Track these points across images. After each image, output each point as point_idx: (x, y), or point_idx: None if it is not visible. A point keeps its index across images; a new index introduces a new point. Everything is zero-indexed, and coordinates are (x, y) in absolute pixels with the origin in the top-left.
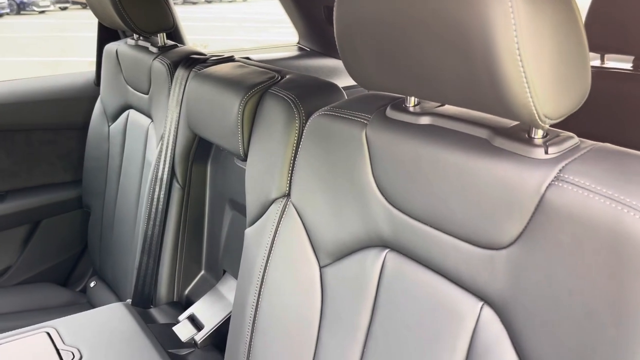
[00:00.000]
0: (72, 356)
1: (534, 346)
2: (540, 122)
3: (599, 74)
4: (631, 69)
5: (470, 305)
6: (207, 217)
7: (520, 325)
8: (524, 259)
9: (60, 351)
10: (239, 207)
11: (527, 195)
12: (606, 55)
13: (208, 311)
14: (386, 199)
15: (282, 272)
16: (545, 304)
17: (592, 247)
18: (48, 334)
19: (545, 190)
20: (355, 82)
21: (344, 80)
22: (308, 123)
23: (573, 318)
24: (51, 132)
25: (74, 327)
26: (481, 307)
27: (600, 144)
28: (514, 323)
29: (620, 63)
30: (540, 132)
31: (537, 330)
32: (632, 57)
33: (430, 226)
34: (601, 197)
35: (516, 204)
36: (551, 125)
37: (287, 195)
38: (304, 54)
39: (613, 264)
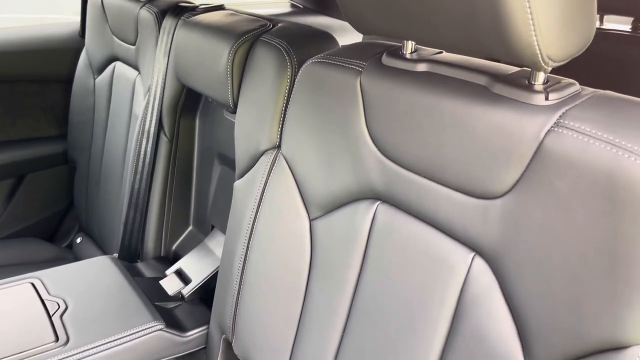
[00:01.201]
0: (57, 306)
1: (525, 296)
2: (543, 64)
3: (597, 35)
4: (630, 30)
5: (461, 257)
6: (195, 171)
7: (512, 276)
8: (519, 208)
9: (45, 301)
10: (228, 162)
11: (525, 142)
12: (605, 17)
13: (195, 265)
14: (379, 149)
15: (271, 225)
16: (539, 253)
17: (590, 193)
18: (32, 284)
19: (544, 137)
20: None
21: (339, 41)
22: (300, 71)
23: (567, 267)
24: (36, 84)
25: (58, 278)
26: (472, 258)
27: (602, 91)
28: (506, 273)
29: (619, 25)
30: (541, 78)
31: (529, 280)
32: (631, 19)
33: (424, 177)
34: (601, 142)
35: (513, 151)
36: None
37: (278, 146)
38: (296, 10)
39: (610, 210)
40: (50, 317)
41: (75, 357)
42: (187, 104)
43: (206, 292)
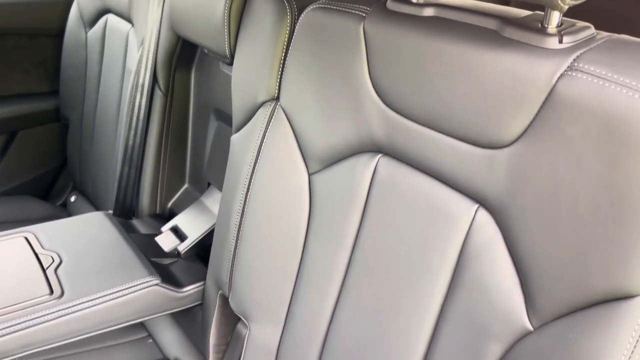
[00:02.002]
0: (51, 260)
1: (530, 247)
2: (559, 2)
3: None
4: None
5: (465, 208)
6: (190, 127)
7: (517, 226)
8: (526, 157)
9: (39, 255)
10: (225, 117)
11: (536, 87)
12: None
13: (192, 222)
14: (382, 99)
15: (269, 179)
16: (546, 202)
17: (603, 139)
18: (26, 238)
19: (557, 81)
20: None
21: None
22: (300, 18)
23: (575, 215)
24: (25, 37)
25: (53, 233)
26: (476, 210)
27: (617, 35)
28: (511, 224)
29: None
30: (554, 21)
31: (535, 230)
32: None
33: (428, 127)
34: (617, 85)
35: (523, 97)
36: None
37: (276, 98)
38: None
39: (623, 156)
40: (44, 270)
41: (70, 310)
42: (183, 56)
43: (202, 249)
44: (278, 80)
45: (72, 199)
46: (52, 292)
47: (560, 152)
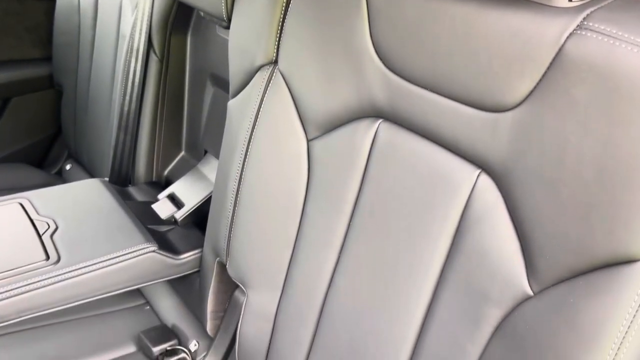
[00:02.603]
0: (47, 226)
1: (532, 212)
2: None
3: None
4: None
5: (467, 173)
6: (187, 93)
7: (519, 191)
8: (531, 120)
9: (34, 221)
10: (221, 83)
11: (543, 47)
12: None
13: (189, 190)
14: (383, 62)
15: (267, 145)
16: (551, 166)
17: (611, 100)
18: (21, 204)
19: (566, 41)
20: None
21: None
22: None
23: (580, 179)
24: (16, 1)
25: (48, 199)
26: (478, 175)
27: None
28: (513, 189)
29: None
30: None
31: (537, 195)
32: None
33: (430, 90)
34: (627, 44)
35: (530, 58)
36: None
37: (274, 62)
38: None
39: (632, 117)
40: (40, 236)
41: (66, 276)
42: (178, 20)
43: (199, 216)
44: (276, 43)
45: (68, 167)
46: (48, 257)
47: (567, 114)
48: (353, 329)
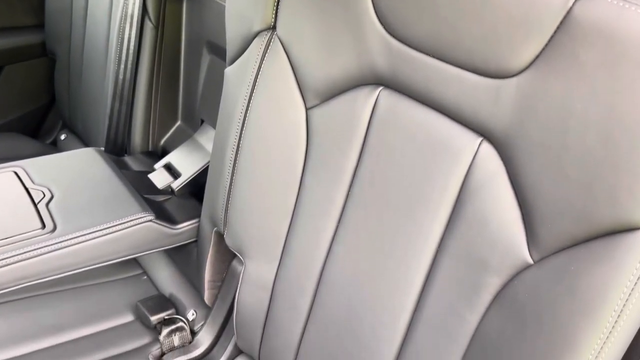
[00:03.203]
0: (42, 195)
1: (534, 180)
2: None
3: None
4: None
5: (468, 142)
6: (183, 60)
7: (521, 159)
8: (536, 86)
9: (30, 190)
10: (218, 51)
11: (550, 11)
12: None
13: (185, 160)
14: (385, 27)
15: (265, 113)
16: (555, 133)
17: (619, 65)
18: (15, 173)
19: (573, 4)
20: None
21: None
22: None
23: (585, 146)
24: None
25: (43, 168)
26: (479, 143)
27: None
28: (515, 157)
29: None
30: None
31: (540, 163)
32: None
33: (432, 56)
34: (637, 7)
35: (536, 22)
36: None
37: (273, 27)
38: None
39: None
40: (35, 205)
41: (63, 244)
42: None
43: (196, 186)
44: (275, 7)
45: (62, 137)
46: (44, 226)
47: (573, 79)
48: (351, 298)
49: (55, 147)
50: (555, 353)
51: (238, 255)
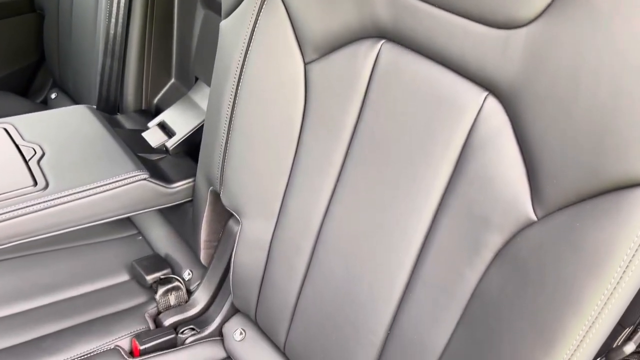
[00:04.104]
0: (33, 152)
1: (541, 135)
2: None
3: None
4: None
5: (473, 96)
6: (176, 15)
7: (528, 114)
8: (546, 36)
9: (20, 147)
10: (213, 5)
11: None
12: None
13: (180, 118)
14: None
15: (262, 68)
16: (565, 86)
17: (636, 13)
18: (5, 130)
19: None
20: None
21: None
22: None
23: (595, 99)
24: None
25: (33, 125)
26: (485, 98)
27: None
28: (521, 112)
29: None
30: None
31: (548, 117)
32: None
33: (438, 6)
34: None
35: None
36: None
37: None
38: None
39: None
40: (26, 162)
41: (56, 202)
42: None
43: (191, 146)
44: None
45: (53, 95)
46: (36, 183)
47: (586, 28)
48: (349, 257)
49: (45, 106)
50: (557, 310)
51: (234, 214)
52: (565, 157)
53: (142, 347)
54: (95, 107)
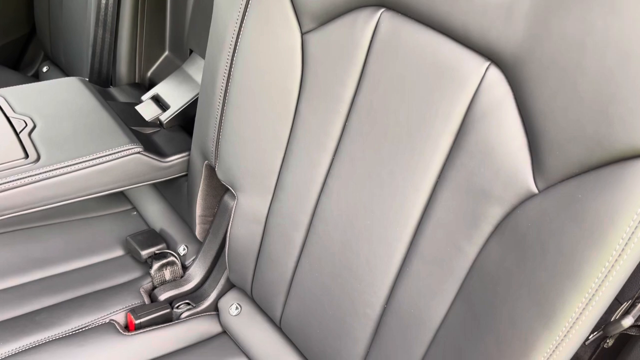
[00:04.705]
0: (24, 124)
1: (545, 104)
2: None
3: None
4: None
5: (475, 66)
6: None
7: (531, 83)
8: (553, 2)
9: (11, 119)
10: None
11: None
12: None
13: (174, 91)
14: None
15: (258, 39)
16: (571, 53)
17: None
18: None
19: None
20: None
21: None
22: None
23: (602, 66)
24: None
25: (24, 97)
26: (487, 68)
27: None
28: (525, 81)
29: None
30: None
31: (552, 86)
32: None
33: None
34: None
35: None
36: None
37: None
38: None
39: None
40: (17, 134)
41: (48, 175)
42: None
43: (186, 119)
44: None
45: (44, 69)
46: (27, 156)
47: None
48: (346, 231)
49: (37, 79)
50: (557, 282)
51: (230, 188)
52: (569, 127)
53: (137, 322)
54: (87, 79)
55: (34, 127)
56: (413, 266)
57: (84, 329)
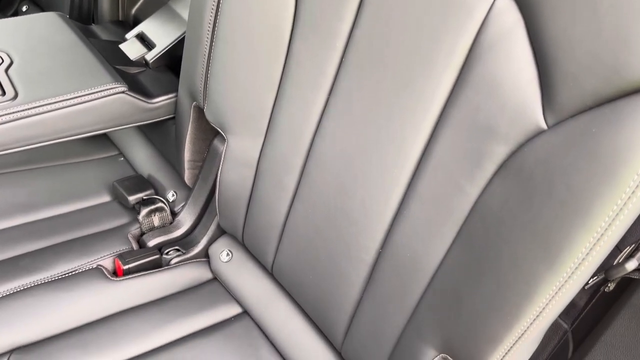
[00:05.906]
0: (0, 60)
1: (559, 33)
2: None
3: None
4: None
5: None
6: None
7: (546, 10)
8: None
9: None
10: None
11: None
12: None
13: (160, 29)
14: None
15: None
16: None
17: None
18: None
19: None
20: None
21: None
22: None
23: None
24: None
25: (0, 30)
26: None
27: None
28: (538, 8)
29: None
30: None
31: (569, 13)
32: None
33: None
34: None
35: None
36: None
37: None
38: None
39: None
40: None
41: (27, 113)
42: None
43: (173, 58)
44: None
45: (24, 8)
46: (4, 93)
47: None
48: (341, 174)
49: None
50: (564, 222)
51: (220, 131)
52: (585, 57)
53: (125, 267)
54: (67, 16)
55: (11, 63)
56: (410, 208)
57: (70, 274)
